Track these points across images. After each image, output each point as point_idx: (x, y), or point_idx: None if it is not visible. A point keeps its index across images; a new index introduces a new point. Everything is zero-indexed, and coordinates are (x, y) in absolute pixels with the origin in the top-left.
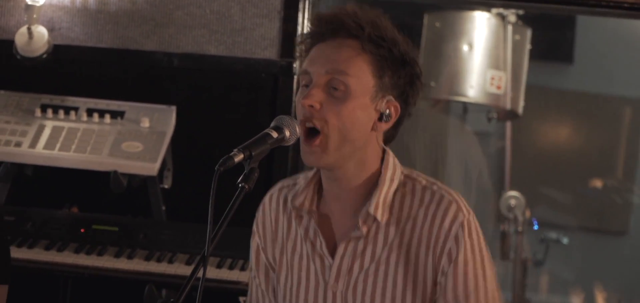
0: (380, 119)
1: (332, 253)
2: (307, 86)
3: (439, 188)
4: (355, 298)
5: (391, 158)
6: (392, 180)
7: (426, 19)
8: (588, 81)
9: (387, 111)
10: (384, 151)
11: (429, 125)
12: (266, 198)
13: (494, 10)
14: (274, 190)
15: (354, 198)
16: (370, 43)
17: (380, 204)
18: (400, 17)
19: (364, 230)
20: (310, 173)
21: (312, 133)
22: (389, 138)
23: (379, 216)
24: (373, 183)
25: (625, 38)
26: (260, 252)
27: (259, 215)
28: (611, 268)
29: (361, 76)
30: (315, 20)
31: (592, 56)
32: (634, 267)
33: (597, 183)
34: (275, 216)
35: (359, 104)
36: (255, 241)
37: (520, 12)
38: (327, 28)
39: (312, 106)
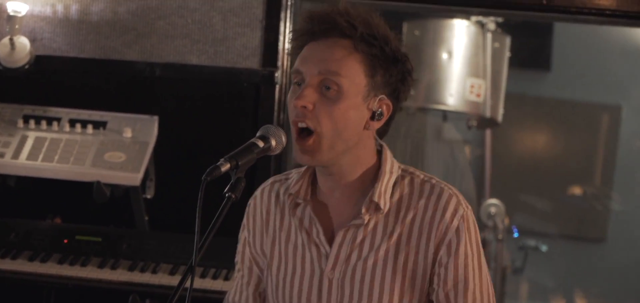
0: (372, 117)
1: (329, 242)
2: (299, 84)
3: (437, 182)
4: (352, 286)
5: (388, 152)
6: (391, 172)
7: (405, 27)
8: (566, 88)
9: (379, 110)
10: (381, 146)
11: (409, 132)
12: (258, 192)
13: (473, 18)
14: (266, 184)
15: (350, 191)
16: (363, 43)
17: (382, 193)
18: None
19: (366, 218)
20: (304, 167)
21: (304, 132)
22: (380, 134)
23: (381, 205)
24: (369, 177)
25: (602, 45)
26: (246, 246)
27: (249, 208)
28: (590, 275)
29: (354, 76)
30: (307, 18)
31: (569, 63)
32: (612, 273)
33: (576, 191)
34: (266, 208)
35: (351, 104)
36: (243, 235)
37: (500, 20)
38: (320, 27)
39: (304, 107)
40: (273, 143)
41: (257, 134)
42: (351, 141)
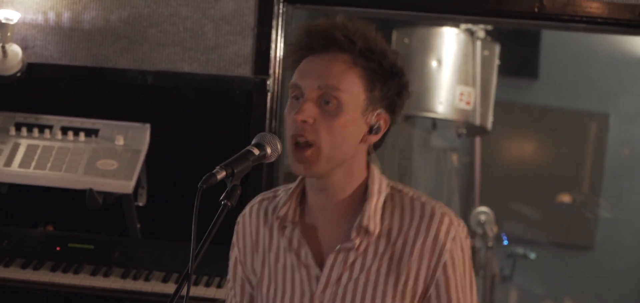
0: (370, 131)
1: (318, 263)
2: (297, 98)
3: (427, 200)
4: None
5: (376, 171)
6: (379, 192)
7: (395, 35)
8: (553, 97)
9: (377, 124)
10: (368, 164)
11: (397, 141)
12: (246, 210)
13: (463, 26)
14: (254, 202)
15: (340, 209)
16: (361, 57)
17: (372, 216)
18: None
19: (356, 242)
20: (292, 185)
21: (302, 144)
22: (375, 147)
23: (371, 228)
24: (359, 195)
25: (589, 53)
26: (237, 265)
27: (238, 227)
28: (579, 282)
29: (353, 90)
30: (305, 32)
31: (557, 72)
32: (600, 280)
33: (564, 198)
34: (255, 228)
35: (350, 118)
36: (234, 254)
37: (489, 27)
38: (318, 42)
39: (305, 121)
40: (268, 150)
41: (253, 141)
42: (348, 154)
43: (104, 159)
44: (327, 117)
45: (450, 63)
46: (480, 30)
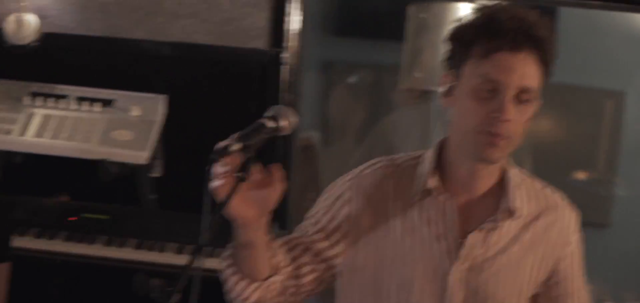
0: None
1: (459, 239)
2: (490, 91)
3: (552, 190)
4: (477, 285)
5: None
6: (515, 176)
7: (411, 10)
8: (569, 74)
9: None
10: None
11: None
12: (368, 170)
13: (478, 2)
14: (377, 166)
15: (487, 190)
16: (547, 55)
17: (516, 198)
18: (384, 7)
19: (501, 221)
20: (419, 154)
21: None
22: None
23: (517, 211)
24: (500, 177)
25: (607, 31)
26: (349, 219)
27: (358, 183)
28: (595, 260)
29: (538, 86)
30: (496, 21)
31: (573, 49)
32: (617, 259)
33: (579, 176)
34: (382, 193)
35: (532, 111)
36: (347, 207)
37: (504, 3)
38: (524, 41)
39: (508, 121)
40: (283, 123)
41: (267, 113)
42: None
43: (119, 129)
44: (520, 113)
45: None
46: None
